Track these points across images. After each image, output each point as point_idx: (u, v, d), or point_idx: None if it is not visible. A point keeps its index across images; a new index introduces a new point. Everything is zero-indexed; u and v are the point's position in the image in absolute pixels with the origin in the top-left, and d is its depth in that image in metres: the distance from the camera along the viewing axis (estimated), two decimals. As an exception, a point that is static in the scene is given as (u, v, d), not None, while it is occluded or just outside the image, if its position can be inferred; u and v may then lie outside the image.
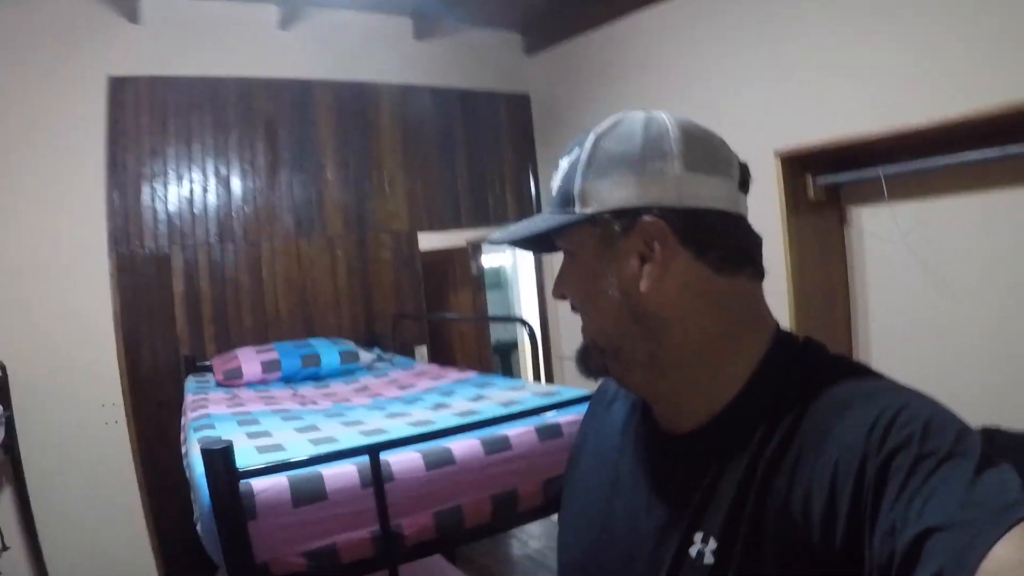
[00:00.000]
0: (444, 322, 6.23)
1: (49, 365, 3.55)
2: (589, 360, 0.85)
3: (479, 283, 6.38)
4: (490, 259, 6.69)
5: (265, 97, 4.38)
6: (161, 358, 3.96)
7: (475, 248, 6.28)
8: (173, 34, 4.08)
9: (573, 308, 0.86)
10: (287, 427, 2.56)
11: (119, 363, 3.78)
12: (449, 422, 2.35)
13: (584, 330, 0.85)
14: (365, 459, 1.83)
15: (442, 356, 5.40)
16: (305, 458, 1.79)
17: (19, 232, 3.58)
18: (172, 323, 4.03)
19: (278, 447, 2.20)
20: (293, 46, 4.46)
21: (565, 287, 0.86)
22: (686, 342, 0.77)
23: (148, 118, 4.00)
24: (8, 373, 3.36)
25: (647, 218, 0.75)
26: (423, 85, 4.93)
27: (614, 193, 0.77)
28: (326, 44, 4.57)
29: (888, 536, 0.56)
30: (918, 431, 0.60)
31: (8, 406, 3.31)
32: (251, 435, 2.41)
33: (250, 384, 3.68)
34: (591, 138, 0.80)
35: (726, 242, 0.77)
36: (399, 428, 2.38)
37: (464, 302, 6.36)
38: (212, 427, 2.59)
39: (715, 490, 0.72)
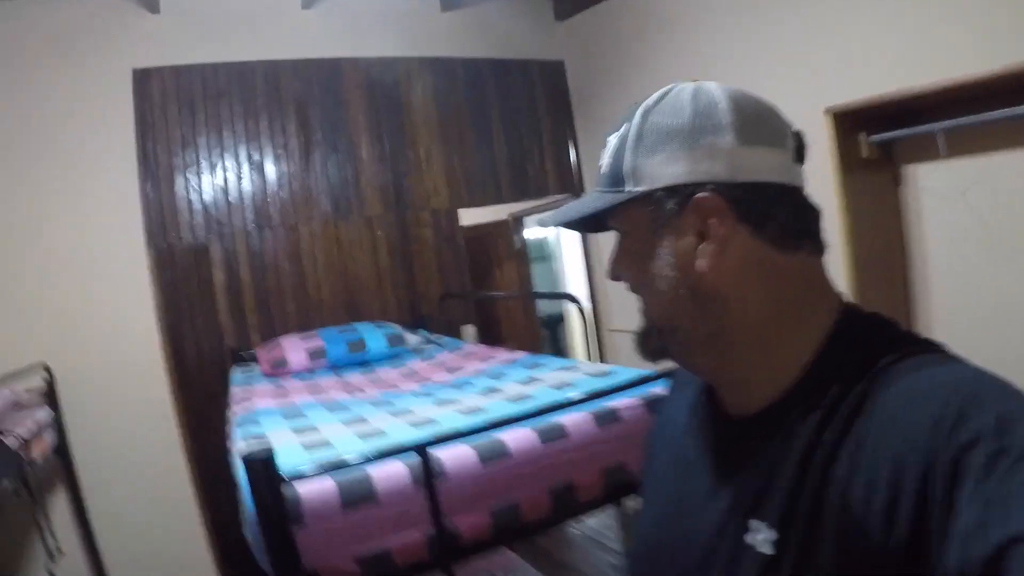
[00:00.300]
0: (490, 299, 6.13)
1: (94, 365, 3.53)
2: (649, 342, 0.82)
3: (523, 257, 6.28)
4: (533, 232, 6.56)
5: (293, 79, 4.29)
6: (206, 350, 3.94)
7: (517, 221, 6.16)
8: (194, 21, 4.00)
9: (630, 289, 0.83)
10: (334, 420, 2.49)
11: (164, 358, 3.75)
12: (501, 409, 2.27)
13: (643, 311, 0.82)
14: (416, 456, 1.73)
15: (489, 333, 5.31)
16: (352, 459, 1.70)
17: (54, 233, 3.56)
18: (215, 314, 3.99)
19: (325, 443, 2.13)
20: (317, 25, 4.36)
21: (620, 268, 0.83)
22: (746, 322, 0.74)
23: (176, 108, 3.94)
24: (54, 375, 3.34)
25: (702, 194, 0.72)
26: (453, 57, 4.78)
27: (666, 169, 0.74)
28: (351, 21, 4.45)
29: (964, 542, 0.52)
30: (992, 423, 0.55)
31: (56, 409, 3.29)
32: (297, 431, 2.35)
33: (296, 373, 3.63)
34: (639, 113, 0.77)
35: (785, 216, 0.74)
36: (449, 417, 2.29)
37: (509, 277, 6.26)
38: (257, 423, 2.53)
39: (774, 476, 0.69)
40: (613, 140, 0.79)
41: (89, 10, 3.67)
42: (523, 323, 6.18)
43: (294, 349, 3.74)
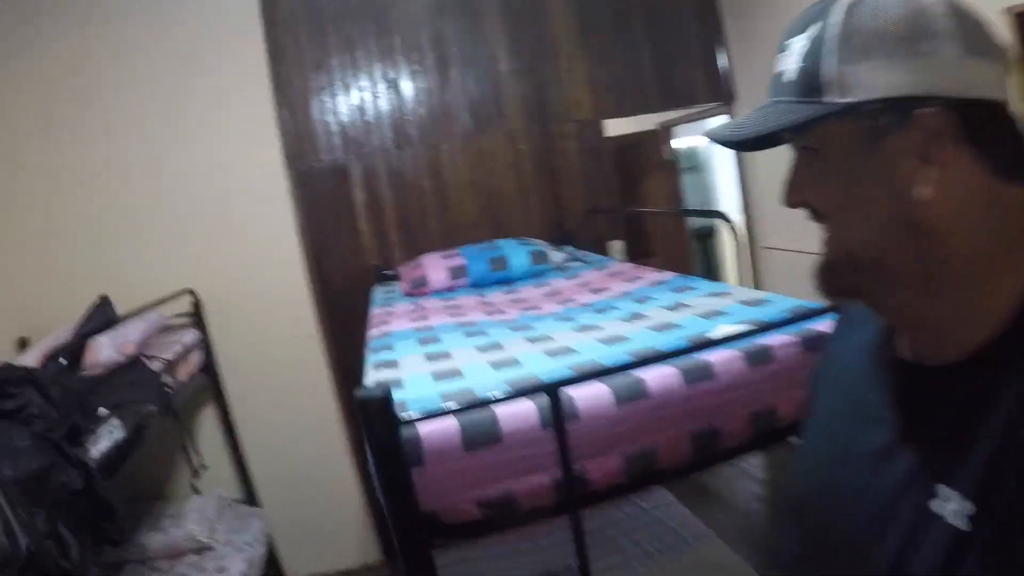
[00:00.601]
0: (638, 214, 5.90)
1: (239, 286, 3.63)
2: (836, 278, 0.73)
3: (673, 168, 5.98)
4: (684, 141, 6.22)
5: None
6: (349, 269, 3.97)
7: (667, 131, 5.85)
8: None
9: (814, 216, 0.73)
10: (469, 345, 2.43)
11: (307, 277, 3.80)
12: (645, 339, 2.12)
13: (832, 242, 0.73)
14: (547, 395, 1.60)
15: (638, 248, 5.09)
16: (478, 400, 1.60)
17: (196, 164, 3.64)
18: (356, 234, 4.01)
19: (457, 373, 2.06)
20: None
21: (807, 192, 0.73)
22: (964, 259, 0.65)
23: (307, 30, 3.89)
24: (200, 299, 3.43)
25: (927, 110, 0.62)
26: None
27: (881, 78, 0.64)
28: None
29: None
30: None
31: (203, 330, 3.39)
32: (430, 357, 2.32)
33: (436, 292, 3.60)
34: (840, 11, 0.67)
35: (1011, 141, 0.65)
36: (589, 346, 2.15)
37: (658, 189, 5.98)
38: (391, 348, 2.51)
39: (972, 438, 0.61)
40: (800, 41, 0.69)
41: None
42: (673, 238, 5.92)
43: (435, 267, 3.70)
